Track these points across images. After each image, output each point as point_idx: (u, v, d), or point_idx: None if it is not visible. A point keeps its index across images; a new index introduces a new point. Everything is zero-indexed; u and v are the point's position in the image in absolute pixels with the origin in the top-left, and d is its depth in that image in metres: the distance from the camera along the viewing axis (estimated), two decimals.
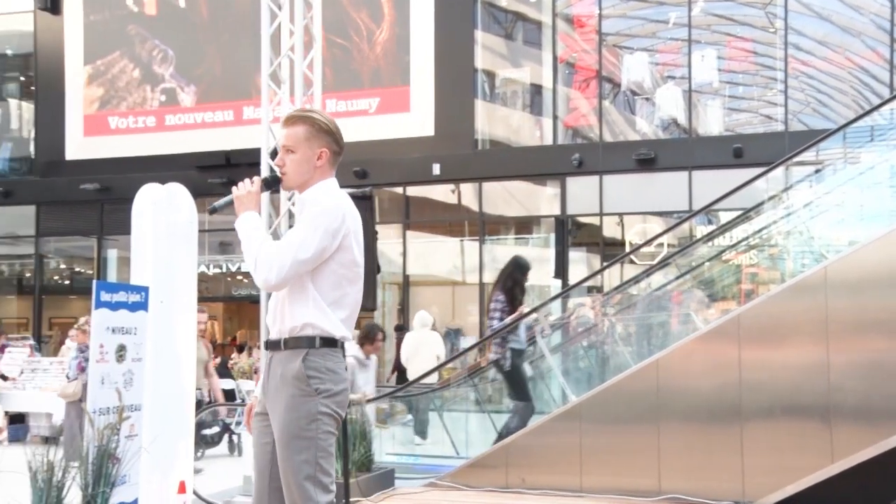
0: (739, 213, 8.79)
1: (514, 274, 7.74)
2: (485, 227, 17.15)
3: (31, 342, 15.12)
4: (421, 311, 12.55)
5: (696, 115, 16.65)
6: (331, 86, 16.87)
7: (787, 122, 15.45)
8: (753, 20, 16.52)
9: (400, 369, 13.34)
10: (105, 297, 4.89)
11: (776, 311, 5.70)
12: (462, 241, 17.59)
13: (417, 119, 17.17)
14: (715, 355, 5.77)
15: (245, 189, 3.25)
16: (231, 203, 3.32)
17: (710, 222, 13.59)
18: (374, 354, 8.18)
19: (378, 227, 5.97)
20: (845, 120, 8.65)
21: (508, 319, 7.46)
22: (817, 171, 8.14)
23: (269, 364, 3.13)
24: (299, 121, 3.20)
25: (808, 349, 5.52)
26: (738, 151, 14.74)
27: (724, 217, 10.83)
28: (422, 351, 11.19)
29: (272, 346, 3.13)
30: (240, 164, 17.06)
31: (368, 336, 7.92)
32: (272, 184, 3.37)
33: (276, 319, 3.15)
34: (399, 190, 17.64)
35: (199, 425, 10.08)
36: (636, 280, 8.95)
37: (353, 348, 7.59)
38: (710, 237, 10.13)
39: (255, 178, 3.34)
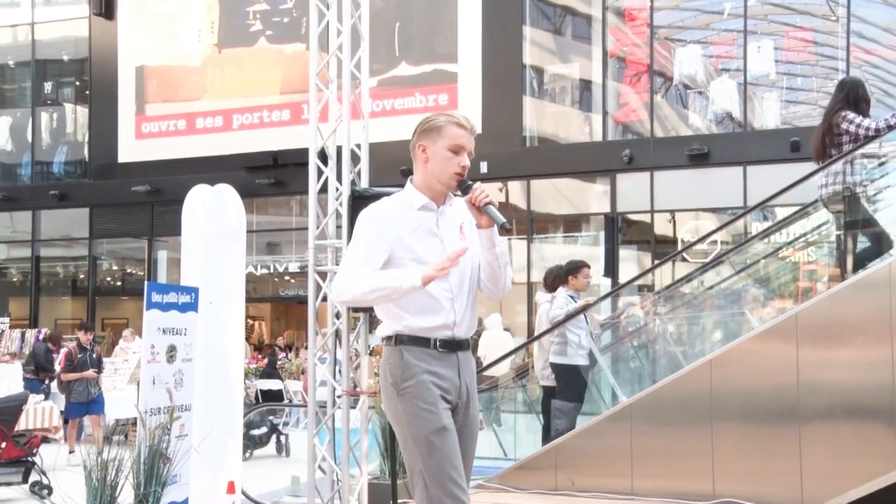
0: (797, 208, 8.64)
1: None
2: (533, 225, 17.10)
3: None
4: (494, 314, 13.47)
5: (751, 108, 16.42)
6: (378, 84, 16.96)
7: None
8: (813, 8, 16.19)
9: None
10: (156, 297, 4.97)
11: (837, 310, 5.60)
12: (510, 239, 17.54)
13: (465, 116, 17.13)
14: (771, 355, 5.68)
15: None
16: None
17: (765, 218, 13.38)
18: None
19: None
20: None
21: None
22: (881, 164, 7.96)
23: (460, 362, 3.12)
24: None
25: (870, 348, 5.41)
26: (795, 145, 14.47)
27: (781, 213, 10.63)
28: (496, 349, 12.03)
29: (465, 345, 3.14)
30: (287, 164, 17.26)
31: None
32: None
33: (466, 319, 3.14)
34: None
35: (248, 426, 10.21)
36: (689, 278, 8.83)
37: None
38: (765, 234, 9.97)
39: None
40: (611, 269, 15.79)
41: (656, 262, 14.75)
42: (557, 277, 7.67)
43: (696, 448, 5.81)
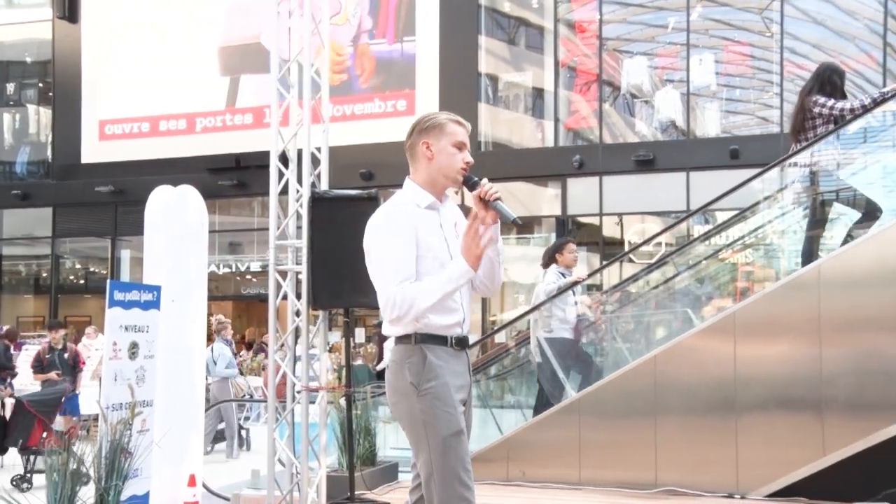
0: (736, 212, 8.80)
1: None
2: None
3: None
4: None
5: (693, 117, 16.65)
6: (338, 90, 16.91)
7: (782, 124, 15.41)
8: (750, 25, 16.50)
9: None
10: (118, 296, 4.92)
11: (771, 308, 5.71)
12: None
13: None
14: (711, 351, 5.78)
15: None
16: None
17: (707, 222, 13.56)
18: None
19: None
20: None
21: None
22: (812, 173, 8.13)
23: (468, 359, 3.12)
24: None
25: (801, 345, 5.54)
26: (734, 153, 14.73)
27: (721, 217, 10.81)
28: None
29: (467, 342, 3.11)
30: (249, 166, 17.14)
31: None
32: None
33: (467, 318, 3.11)
34: None
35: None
36: (635, 278, 8.95)
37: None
38: (706, 236, 10.12)
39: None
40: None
41: (604, 262, 14.89)
42: (549, 256, 7.71)
43: (641, 439, 5.89)
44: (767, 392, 5.59)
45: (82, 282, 21.44)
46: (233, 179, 17.98)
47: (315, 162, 6.01)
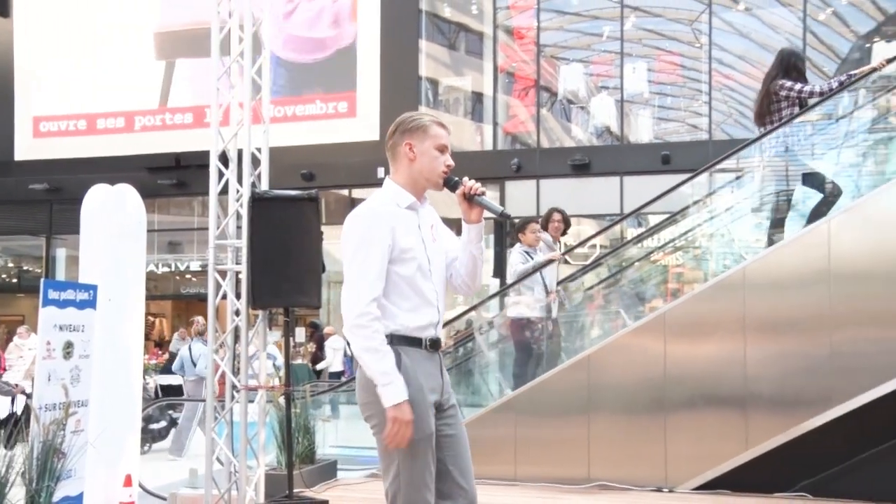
0: (666, 216, 8.95)
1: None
2: None
3: None
4: None
5: (627, 123, 16.91)
6: (279, 91, 16.74)
7: (710, 132, 15.78)
8: (681, 35, 16.84)
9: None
10: (53, 295, 4.78)
11: (699, 309, 5.83)
12: None
13: (363, 124, 17.12)
14: (642, 350, 5.87)
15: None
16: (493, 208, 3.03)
17: (639, 225, 13.77)
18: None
19: (324, 228, 5.93)
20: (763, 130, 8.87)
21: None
22: (738, 178, 8.31)
23: (441, 360, 3.04)
24: None
25: (727, 344, 5.66)
26: (666, 158, 15.01)
27: (653, 220, 10.99)
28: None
29: (440, 344, 3.03)
30: (189, 165, 16.86)
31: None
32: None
33: (441, 320, 3.05)
34: (345, 192, 17.57)
35: (147, 420, 9.92)
36: (570, 279, 9.03)
37: None
38: (639, 239, 10.27)
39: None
40: (499, 269, 15.98)
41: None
42: (512, 236, 7.61)
43: (574, 436, 5.96)
44: (695, 390, 5.70)
45: (15, 280, 20.81)
46: (172, 179, 17.67)
47: (255, 162, 5.94)
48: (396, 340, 2.88)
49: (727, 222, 8.26)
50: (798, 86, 6.24)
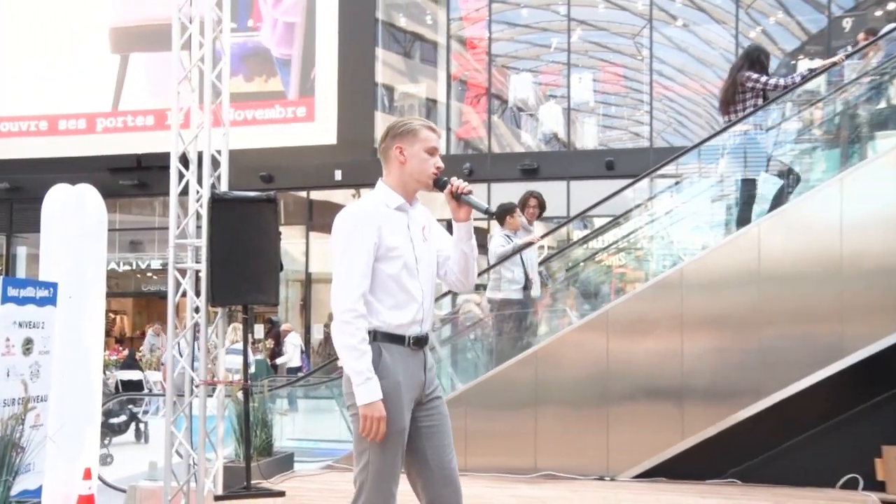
0: (610, 219, 9.05)
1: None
2: None
3: None
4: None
5: (573, 130, 17.06)
6: (240, 95, 16.55)
7: (651, 139, 16.00)
8: (624, 49, 17.06)
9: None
10: (12, 292, 4.67)
11: (640, 307, 5.91)
12: None
13: (321, 128, 17.02)
14: (587, 347, 5.92)
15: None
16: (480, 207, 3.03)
17: (585, 227, 13.91)
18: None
19: (282, 229, 5.90)
20: (701, 139, 9.03)
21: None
22: (677, 184, 8.44)
23: (425, 357, 3.01)
24: None
25: (665, 340, 5.75)
26: (610, 164, 15.18)
27: (598, 222, 11.11)
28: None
29: (425, 341, 3.00)
30: (151, 167, 16.60)
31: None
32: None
33: (430, 315, 3.02)
34: (303, 194, 17.45)
35: (107, 414, 9.73)
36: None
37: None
38: (584, 241, 10.37)
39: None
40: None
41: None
42: (497, 218, 7.55)
43: (522, 428, 5.99)
44: (636, 384, 5.78)
45: None
46: (134, 179, 17.37)
47: (215, 164, 5.88)
48: (379, 337, 2.88)
49: (666, 225, 8.39)
50: (763, 78, 6.39)
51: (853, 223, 5.46)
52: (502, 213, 7.32)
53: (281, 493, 5.43)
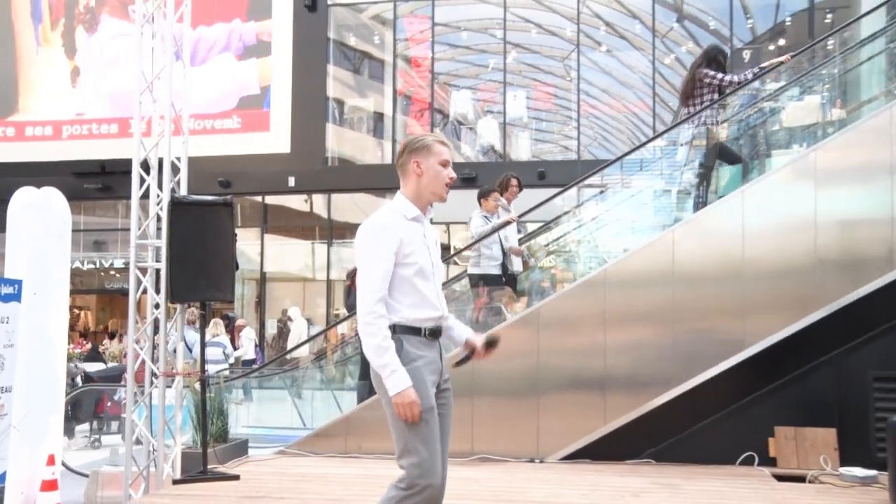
0: (542, 224, 9.16)
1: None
2: (333, 231, 17.01)
3: None
4: (294, 307, 13.86)
5: (509, 143, 17.18)
6: (199, 105, 16.26)
7: (579, 152, 16.23)
8: (554, 70, 17.28)
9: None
10: None
11: (568, 305, 5.97)
12: (313, 243, 17.37)
13: (276, 138, 16.82)
14: (520, 341, 5.95)
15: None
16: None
17: (519, 231, 13.99)
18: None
19: (238, 231, 5.82)
20: (622, 153, 9.20)
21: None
22: (601, 192, 8.57)
23: (441, 346, 3.06)
24: None
25: (590, 335, 5.82)
26: (541, 174, 15.33)
27: (531, 227, 11.23)
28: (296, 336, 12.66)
29: (439, 333, 3.06)
30: (115, 172, 16.19)
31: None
32: None
33: (441, 314, 3.05)
34: (258, 199, 17.22)
35: (74, 405, 9.45)
36: (458, 278, 9.11)
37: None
38: (519, 244, 10.46)
39: None
40: None
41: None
42: (477, 199, 7.52)
43: (460, 416, 5.93)
44: (563, 375, 5.84)
45: None
46: (98, 183, 16.89)
47: (175, 170, 5.78)
48: (399, 329, 2.94)
49: (592, 230, 8.51)
50: (720, 75, 6.55)
51: (753, 231, 5.63)
52: (479, 197, 7.44)
53: (236, 477, 5.35)
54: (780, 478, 5.28)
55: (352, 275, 7.83)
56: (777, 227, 5.60)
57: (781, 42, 15.91)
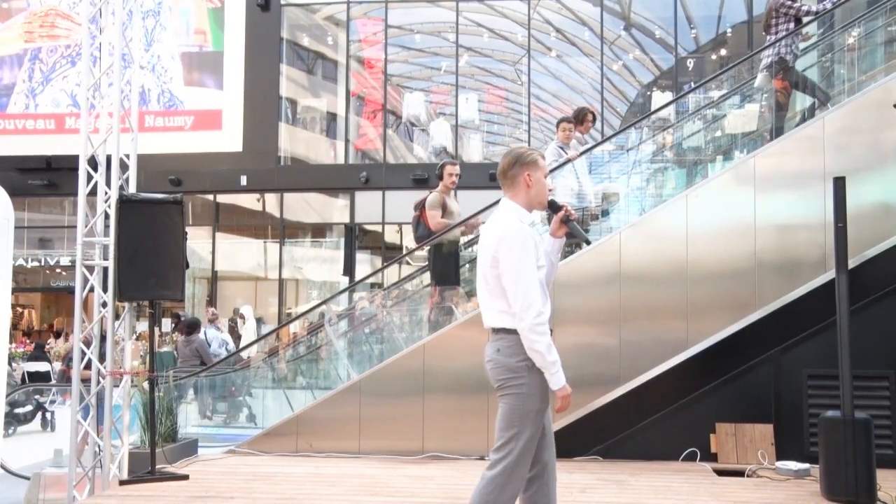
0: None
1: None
2: (285, 231, 16.80)
3: None
4: (246, 305, 13.81)
5: (461, 145, 17.22)
6: (150, 103, 15.90)
7: None
8: (506, 74, 17.39)
9: None
10: None
11: None
12: (265, 242, 17.12)
13: (228, 136, 16.53)
14: (469, 340, 5.95)
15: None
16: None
17: (472, 233, 14.00)
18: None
19: (189, 229, 5.69)
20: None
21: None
22: (550, 192, 8.64)
23: None
24: None
25: None
26: (493, 176, 15.35)
27: (482, 228, 11.25)
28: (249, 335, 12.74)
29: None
30: (61, 168, 15.73)
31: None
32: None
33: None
34: (210, 197, 16.89)
35: (12, 405, 9.13)
36: (410, 278, 9.09)
37: None
38: (468, 244, 10.48)
39: None
40: (349, 269, 15.87)
41: (385, 264, 15.02)
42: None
43: (411, 414, 5.98)
44: None
45: None
46: (44, 180, 16.36)
47: (124, 167, 5.62)
48: (513, 330, 3.05)
49: (542, 231, 8.56)
50: (797, 4, 6.84)
51: (696, 233, 5.72)
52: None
53: (185, 477, 5.23)
54: (721, 472, 5.38)
55: (419, 205, 7.68)
56: (719, 230, 5.71)
57: (723, 52, 16.30)
